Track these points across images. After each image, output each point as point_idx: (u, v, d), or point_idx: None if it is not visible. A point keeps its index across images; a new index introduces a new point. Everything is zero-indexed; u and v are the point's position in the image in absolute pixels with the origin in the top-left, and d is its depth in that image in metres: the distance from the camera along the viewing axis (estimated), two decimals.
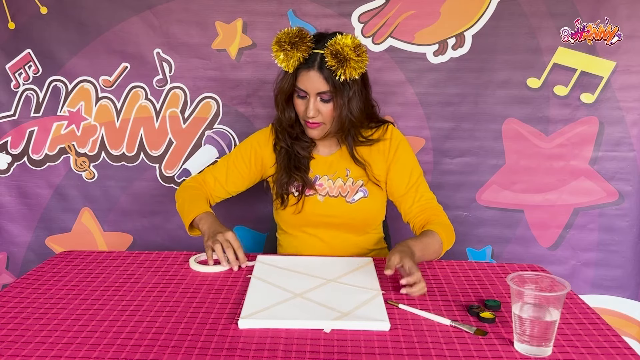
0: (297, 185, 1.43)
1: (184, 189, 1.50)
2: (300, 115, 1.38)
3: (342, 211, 1.42)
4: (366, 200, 1.42)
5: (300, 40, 1.30)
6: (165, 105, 1.89)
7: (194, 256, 1.33)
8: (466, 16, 1.77)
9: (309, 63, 1.31)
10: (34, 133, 1.92)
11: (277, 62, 1.33)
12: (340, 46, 1.26)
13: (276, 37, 1.32)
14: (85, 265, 1.30)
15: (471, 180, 1.88)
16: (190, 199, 1.44)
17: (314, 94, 1.33)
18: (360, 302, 1.05)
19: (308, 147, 1.45)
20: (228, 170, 1.50)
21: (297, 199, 1.42)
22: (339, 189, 1.43)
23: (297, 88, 1.34)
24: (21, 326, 0.99)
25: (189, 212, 1.39)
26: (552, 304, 0.88)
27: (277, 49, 1.31)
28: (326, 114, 1.35)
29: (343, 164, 1.44)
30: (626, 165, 1.82)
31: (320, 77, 1.30)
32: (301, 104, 1.36)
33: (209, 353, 0.89)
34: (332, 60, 1.27)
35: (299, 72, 1.33)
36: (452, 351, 0.90)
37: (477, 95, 1.82)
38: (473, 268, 1.28)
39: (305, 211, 1.42)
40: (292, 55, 1.29)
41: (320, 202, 1.43)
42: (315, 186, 1.43)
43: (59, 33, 1.83)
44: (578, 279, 1.90)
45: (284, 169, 1.43)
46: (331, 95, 1.32)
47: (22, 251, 2.00)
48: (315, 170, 1.45)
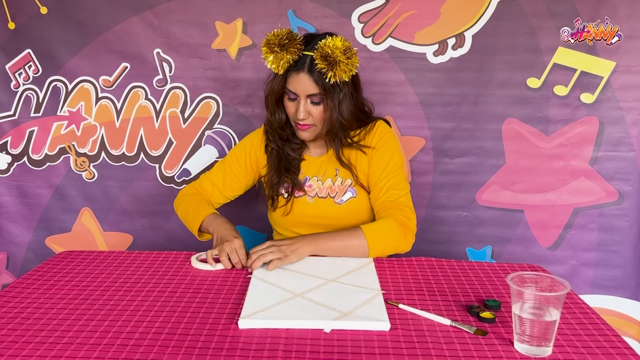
0: (287, 187, 1.43)
1: (183, 197, 1.50)
2: (291, 117, 1.38)
3: (330, 212, 1.42)
4: (355, 200, 1.42)
5: (290, 42, 1.28)
6: (165, 105, 1.89)
7: (195, 255, 1.33)
8: (466, 16, 1.77)
9: (298, 65, 1.30)
10: (34, 133, 1.92)
11: (266, 64, 1.32)
12: (330, 49, 1.25)
13: (265, 38, 1.31)
14: (85, 265, 1.30)
15: (471, 180, 1.88)
16: (193, 206, 1.44)
17: (304, 96, 1.33)
18: (361, 302, 1.05)
19: (299, 149, 1.45)
20: (225, 174, 1.50)
21: (287, 200, 1.42)
22: (327, 189, 1.42)
23: (287, 90, 1.34)
24: (21, 326, 0.99)
25: (194, 219, 1.39)
26: (552, 304, 0.88)
27: (267, 51, 1.30)
28: (316, 116, 1.35)
29: (333, 165, 1.44)
30: (626, 165, 1.82)
31: (310, 79, 1.30)
32: (291, 106, 1.35)
33: (209, 353, 0.89)
34: (322, 62, 1.26)
35: (289, 74, 1.32)
36: (452, 351, 0.90)
37: (477, 95, 1.82)
38: (473, 268, 1.28)
39: (294, 212, 1.42)
40: (281, 57, 1.28)
41: (310, 203, 1.43)
42: (305, 187, 1.43)
43: (59, 33, 1.83)
44: (578, 279, 1.90)
45: (275, 170, 1.43)
46: (321, 97, 1.32)
47: (22, 251, 2.00)
48: (305, 171, 1.45)
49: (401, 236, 1.32)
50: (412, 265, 1.29)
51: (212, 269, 1.26)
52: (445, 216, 1.90)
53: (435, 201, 1.90)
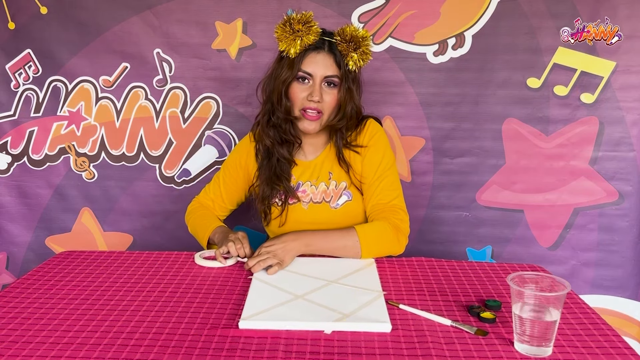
0: (280, 195, 1.40)
1: (192, 212, 1.52)
2: (299, 104, 1.33)
3: (326, 217, 1.39)
4: (350, 203, 1.39)
5: (310, 23, 1.29)
6: (165, 105, 1.89)
7: (199, 253, 1.33)
8: (466, 16, 1.77)
9: (317, 46, 1.31)
10: (34, 133, 1.92)
11: (280, 47, 1.30)
12: (352, 33, 1.29)
13: (283, 20, 1.30)
14: (85, 265, 1.30)
15: (471, 180, 1.88)
16: (200, 220, 1.47)
17: (320, 78, 1.31)
18: (362, 303, 1.05)
19: (292, 150, 1.42)
20: (222, 189, 1.51)
21: (281, 209, 1.40)
22: (322, 194, 1.40)
23: (302, 72, 1.31)
24: (21, 326, 0.99)
25: (203, 233, 1.43)
26: (553, 304, 0.88)
27: (287, 30, 1.28)
28: (329, 102, 1.33)
29: (326, 167, 1.41)
30: (626, 165, 1.82)
31: (330, 58, 1.31)
32: (303, 90, 1.32)
33: (209, 353, 0.89)
34: (344, 45, 1.29)
35: (305, 55, 1.30)
36: (452, 351, 0.90)
37: (477, 95, 1.82)
38: (473, 268, 1.28)
39: (290, 221, 1.40)
40: (302, 36, 1.27)
41: (305, 209, 1.40)
42: (298, 193, 1.41)
43: (59, 33, 1.83)
44: (578, 279, 1.90)
45: (265, 181, 1.40)
46: (338, 80, 1.32)
47: (22, 251, 2.00)
48: (298, 176, 1.42)
49: (394, 239, 1.32)
50: (412, 265, 1.29)
51: (221, 266, 1.27)
52: (445, 216, 1.90)
53: (435, 201, 1.90)
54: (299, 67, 1.31)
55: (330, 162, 1.42)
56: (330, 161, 1.42)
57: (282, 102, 1.34)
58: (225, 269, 1.27)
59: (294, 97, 1.34)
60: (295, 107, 1.35)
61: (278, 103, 1.35)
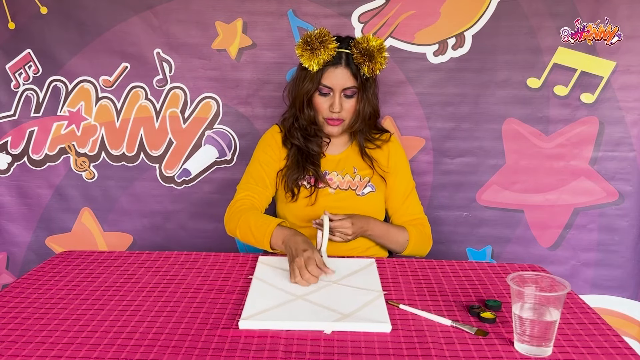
0: (309, 178, 1.47)
1: (235, 214, 1.41)
2: (322, 113, 1.45)
3: (352, 203, 1.46)
4: (374, 194, 1.49)
5: (326, 40, 1.37)
6: (165, 105, 1.89)
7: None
8: (466, 16, 1.77)
9: (335, 61, 1.39)
10: (34, 133, 1.92)
11: (302, 62, 1.38)
12: (367, 44, 1.37)
13: (301, 38, 1.38)
14: (85, 265, 1.30)
15: (471, 180, 1.88)
16: (254, 222, 1.35)
17: (339, 90, 1.41)
18: (362, 303, 1.05)
19: (321, 145, 1.51)
20: (263, 174, 1.48)
21: (310, 191, 1.46)
22: (348, 183, 1.49)
23: (323, 85, 1.41)
24: (21, 326, 0.99)
25: (261, 237, 1.31)
26: (553, 304, 0.88)
27: (306, 48, 1.37)
28: (348, 109, 1.43)
29: (351, 162, 1.51)
30: (626, 165, 1.82)
31: (348, 72, 1.40)
32: (325, 101, 1.43)
33: (209, 353, 0.89)
34: (360, 57, 1.38)
35: (325, 70, 1.40)
36: (452, 352, 0.90)
37: (477, 95, 1.82)
38: (473, 268, 1.28)
39: (318, 203, 1.46)
40: (319, 54, 1.36)
41: (332, 194, 1.47)
42: (326, 179, 1.48)
43: (59, 33, 1.83)
44: (578, 279, 1.90)
45: (295, 164, 1.48)
46: (355, 90, 1.42)
47: (22, 251, 2.00)
48: (324, 167, 1.50)
49: (428, 247, 1.52)
50: (412, 265, 1.29)
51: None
52: (445, 216, 1.90)
53: (435, 201, 1.90)
54: (319, 81, 1.41)
55: (354, 158, 1.52)
56: (353, 158, 1.52)
57: (304, 111, 1.46)
58: (225, 268, 1.27)
59: (317, 107, 1.45)
60: (319, 115, 1.46)
61: (301, 111, 1.46)
